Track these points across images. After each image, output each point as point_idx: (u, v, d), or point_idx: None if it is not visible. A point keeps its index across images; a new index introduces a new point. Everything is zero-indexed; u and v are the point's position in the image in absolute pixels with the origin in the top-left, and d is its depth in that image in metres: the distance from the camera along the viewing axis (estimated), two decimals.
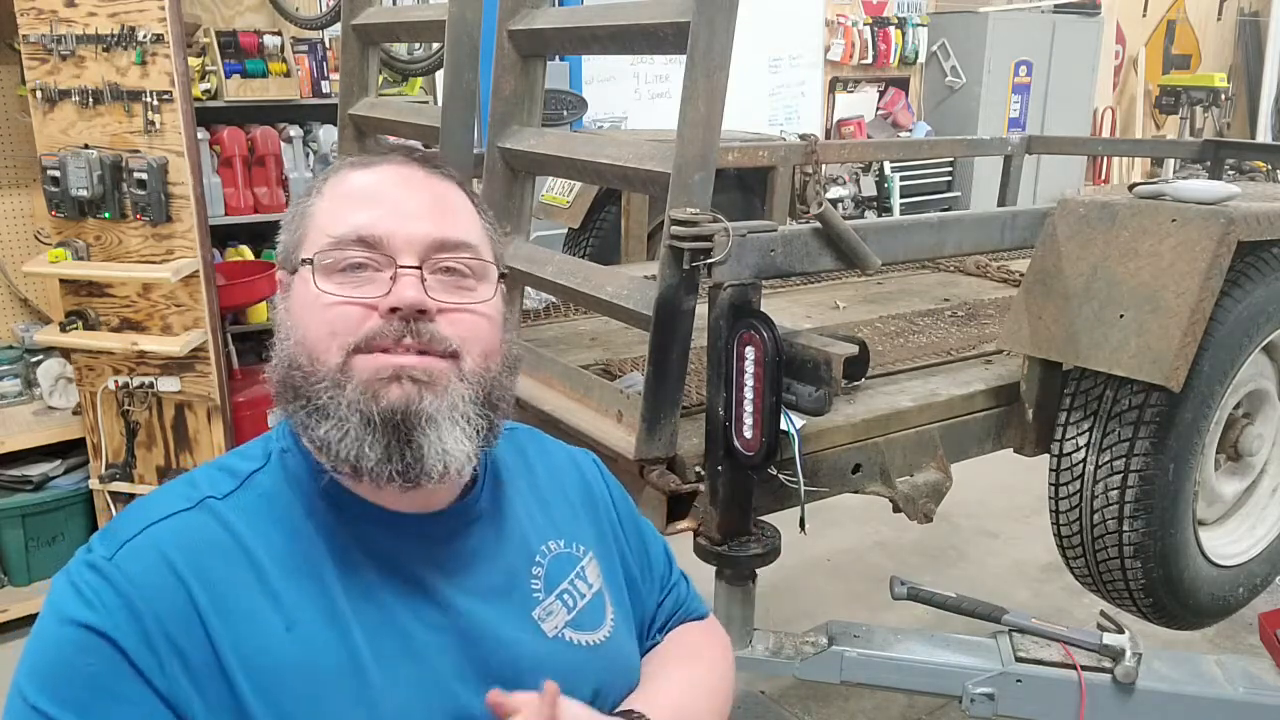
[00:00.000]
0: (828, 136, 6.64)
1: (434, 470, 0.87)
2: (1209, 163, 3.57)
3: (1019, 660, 1.73)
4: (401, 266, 0.88)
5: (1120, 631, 1.75)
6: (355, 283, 0.88)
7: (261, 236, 3.84)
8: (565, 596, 1.00)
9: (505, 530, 1.00)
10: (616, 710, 0.98)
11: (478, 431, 0.90)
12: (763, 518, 1.74)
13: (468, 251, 0.92)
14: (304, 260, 0.90)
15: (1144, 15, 8.41)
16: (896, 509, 1.85)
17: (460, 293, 0.91)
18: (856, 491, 1.86)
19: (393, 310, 0.86)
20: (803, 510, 1.65)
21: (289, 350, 0.89)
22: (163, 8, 2.84)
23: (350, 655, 0.85)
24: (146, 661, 0.79)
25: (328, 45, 3.77)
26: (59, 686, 0.79)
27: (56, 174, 2.89)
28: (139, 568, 0.82)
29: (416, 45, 3.74)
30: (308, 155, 3.79)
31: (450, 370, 0.88)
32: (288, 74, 3.66)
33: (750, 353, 1.54)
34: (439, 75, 3.43)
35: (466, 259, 0.92)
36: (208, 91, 3.47)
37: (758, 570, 1.76)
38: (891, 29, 6.73)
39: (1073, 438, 1.92)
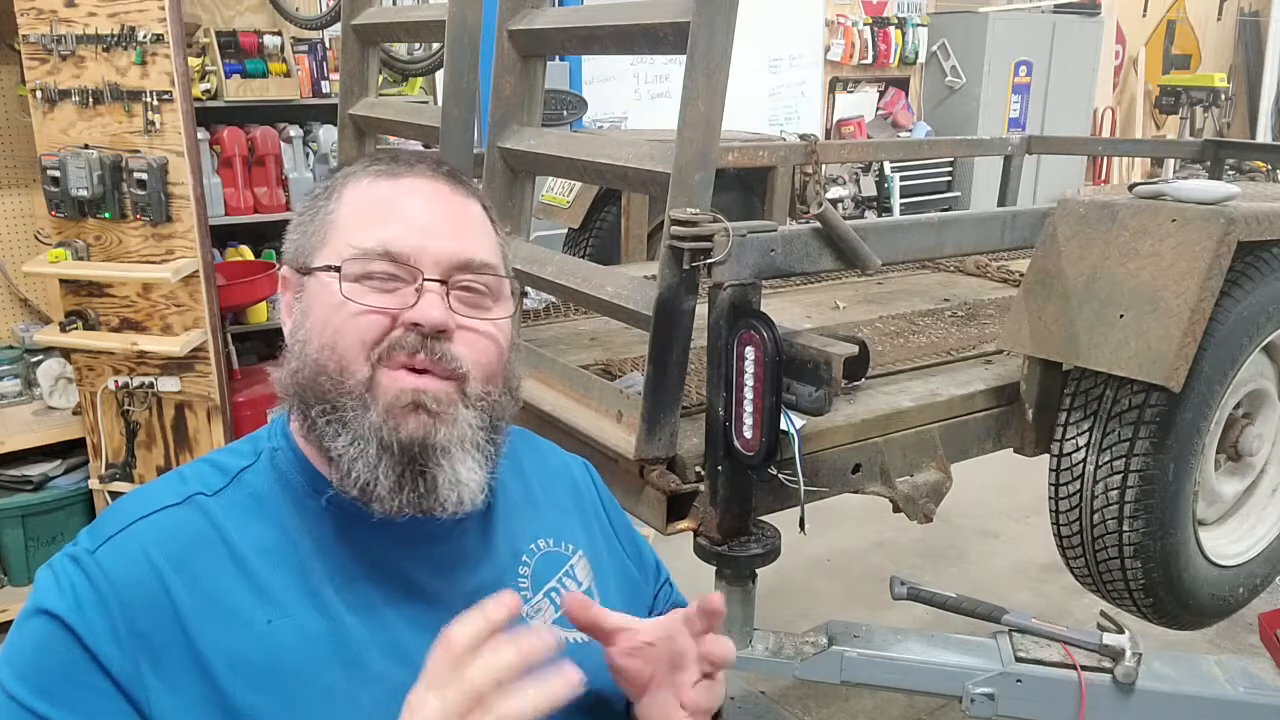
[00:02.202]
0: (828, 136, 6.64)
1: (447, 501, 0.88)
2: (1209, 163, 3.57)
3: (1019, 660, 1.73)
4: (428, 279, 0.89)
5: (1120, 631, 1.75)
6: (378, 292, 0.89)
7: (261, 236, 3.85)
8: (553, 595, 1.01)
9: (494, 529, 1.00)
10: None
11: (487, 458, 0.91)
12: (763, 518, 1.74)
13: (489, 271, 0.93)
14: (331, 268, 0.90)
15: (1144, 15, 8.41)
16: (896, 509, 1.85)
17: (477, 309, 0.92)
18: (856, 491, 1.86)
19: (414, 324, 0.87)
20: (803, 510, 1.65)
21: (314, 354, 0.89)
22: (163, 8, 2.84)
23: (337, 652, 0.85)
24: (110, 655, 0.80)
25: (328, 45, 3.78)
26: (32, 674, 0.80)
27: (56, 174, 2.89)
28: (118, 563, 0.83)
29: (416, 45, 3.74)
30: (308, 155, 3.79)
31: (457, 396, 0.89)
32: (288, 74, 3.67)
33: (750, 353, 1.54)
34: (439, 75, 3.43)
35: (487, 278, 0.93)
36: (208, 91, 3.47)
37: (758, 570, 1.76)
38: (891, 29, 6.72)
39: (1073, 438, 1.92)
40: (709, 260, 1.51)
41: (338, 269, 0.89)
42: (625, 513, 1.20)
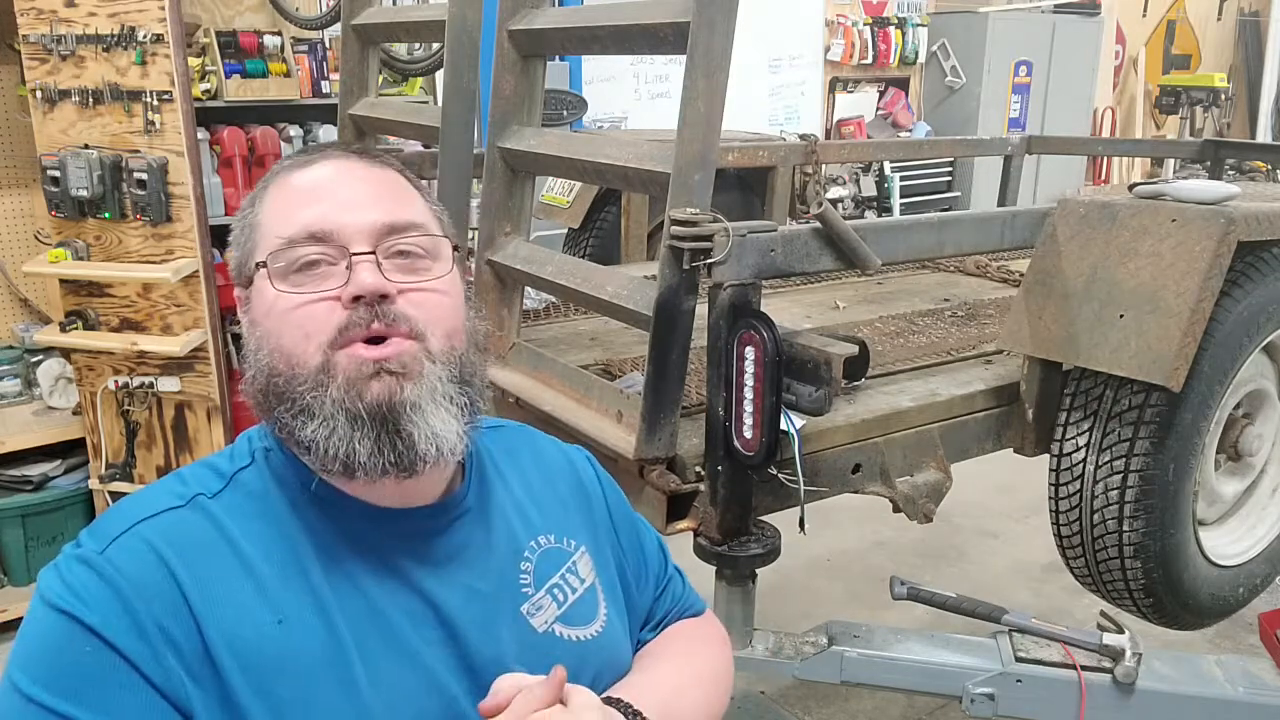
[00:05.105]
0: (828, 136, 6.64)
1: (427, 455, 0.88)
2: (1209, 163, 3.57)
3: (1019, 660, 1.73)
4: (355, 254, 0.89)
5: (1120, 631, 1.75)
6: (313, 280, 0.89)
7: None
8: (555, 591, 1.00)
9: (493, 525, 1.00)
10: (603, 698, 0.98)
11: (461, 409, 0.91)
12: (763, 518, 1.74)
13: (417, 231, 0.93)
14: (259, 264, 0.90)
15: (1144, 15, 8.41)
16: (896, 509, 1.85)
17: (417, 273, 0.92)
18: (856, 491, 1.86)
19: (355, 299, 0.87)
20: (802, 510, 1.65)
21: (264, 360, 0.89)
22: (163, 8, 2.84)
23: (339, 649, 0.85)
24: (139, 652, 0.80)
25: (328, 45, 3.77)
26: (52, 676, 0.79)
27: (56, 174, 2.89)
28: (129, 561, 0.83)
29: (416, 45, 3.74)
30: None
31: (420, 353, 0.89)
32: (288, 74, 3.66)
33: (750, 353, 1.54)
34: (439, 75, 3.43)
35: (418, 238, 0.93)
36: (208, 91, 3.47)
37: (758, 570, 1.76)
38: (891, 29, 6.72)
39: (1073, 438, 1.92)
40: (709, 260, 1.51)
41: (264, 264, 0.89)
42: (627, 501, 1.18)
